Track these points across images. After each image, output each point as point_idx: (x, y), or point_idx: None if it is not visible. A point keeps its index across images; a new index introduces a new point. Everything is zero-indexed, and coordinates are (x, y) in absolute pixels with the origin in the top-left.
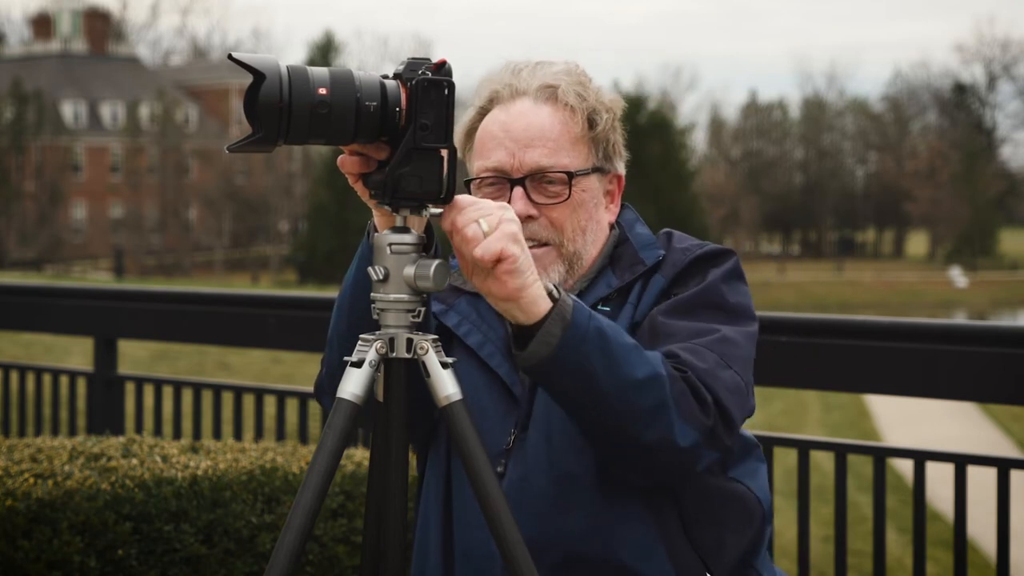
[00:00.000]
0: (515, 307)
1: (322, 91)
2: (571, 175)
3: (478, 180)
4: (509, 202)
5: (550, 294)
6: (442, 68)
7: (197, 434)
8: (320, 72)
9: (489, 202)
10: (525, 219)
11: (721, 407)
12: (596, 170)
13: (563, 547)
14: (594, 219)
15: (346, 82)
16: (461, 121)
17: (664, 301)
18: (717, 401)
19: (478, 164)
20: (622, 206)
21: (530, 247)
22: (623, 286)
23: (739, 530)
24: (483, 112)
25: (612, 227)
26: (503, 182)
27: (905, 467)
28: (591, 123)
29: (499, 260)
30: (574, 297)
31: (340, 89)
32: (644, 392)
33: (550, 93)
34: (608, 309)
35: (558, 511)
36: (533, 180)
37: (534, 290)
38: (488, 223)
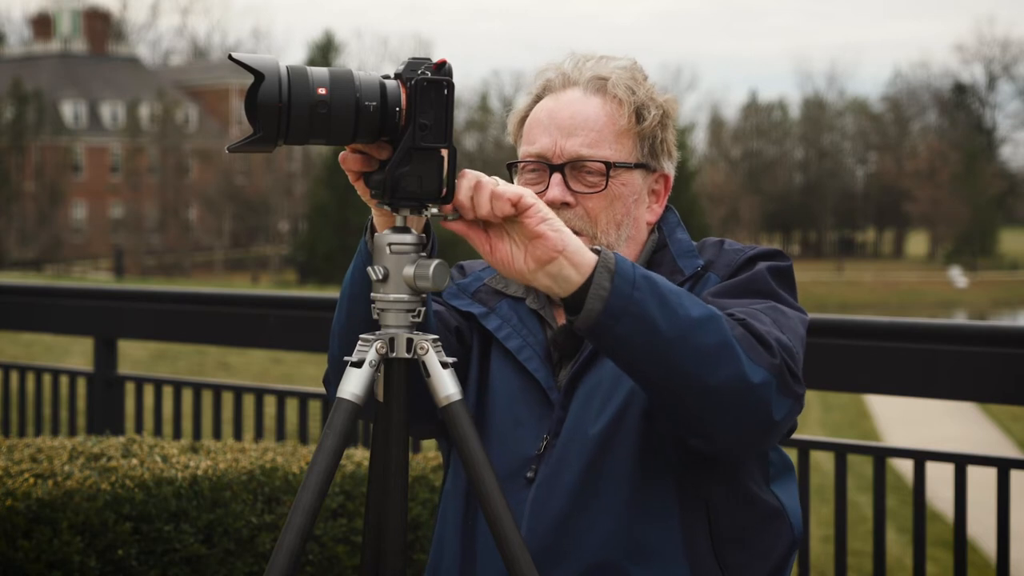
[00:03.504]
0: (564, 263)
1: (321, 91)
2: (610, 166)
3: (521, 165)
4: (547, 188)
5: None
6: (442, 68)
7: (197, 434)
8: (320, 72)
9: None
10: (560, 206)
11: (783, 353)
12: (640, 166)
13: (584, 556)
14: (631, 215)
15: (346, 82)
16: (516, 108)
17: None
18: (779, 347)
19: (523, 149)
20: (666, 208)
21: None
22: None
23: (766, 554)
24: (536, 100)
25: (652, 229)
26: (543, 168)
27: (905, 467)
28: (638, 117)
29: (523, 208)
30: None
31: (340, 89)
32: (705, 330)
33: (600, 85)
34: None
35: (583, 519)
36: (573, 168)
37: (575, 240)
38: (500, 181)
